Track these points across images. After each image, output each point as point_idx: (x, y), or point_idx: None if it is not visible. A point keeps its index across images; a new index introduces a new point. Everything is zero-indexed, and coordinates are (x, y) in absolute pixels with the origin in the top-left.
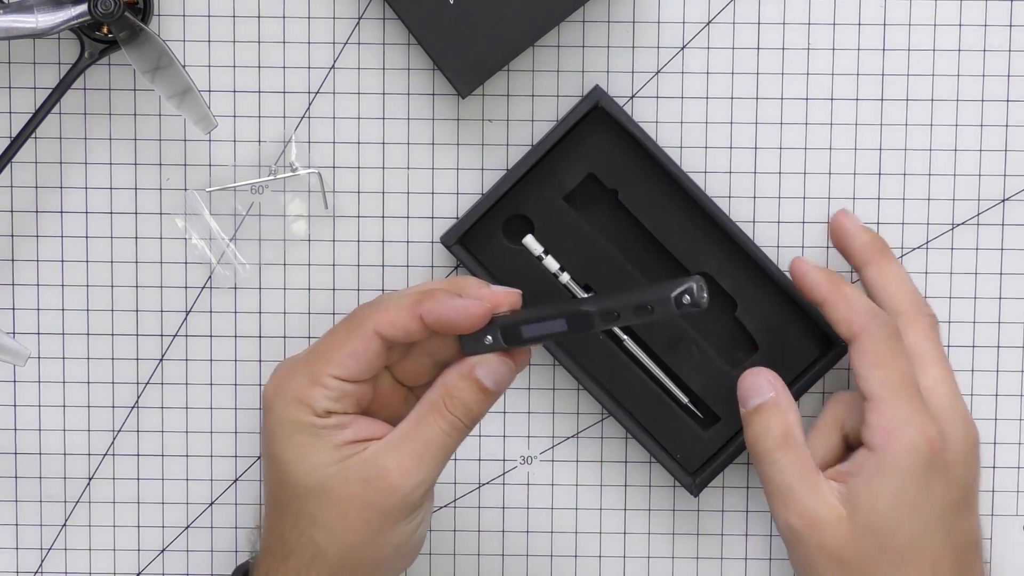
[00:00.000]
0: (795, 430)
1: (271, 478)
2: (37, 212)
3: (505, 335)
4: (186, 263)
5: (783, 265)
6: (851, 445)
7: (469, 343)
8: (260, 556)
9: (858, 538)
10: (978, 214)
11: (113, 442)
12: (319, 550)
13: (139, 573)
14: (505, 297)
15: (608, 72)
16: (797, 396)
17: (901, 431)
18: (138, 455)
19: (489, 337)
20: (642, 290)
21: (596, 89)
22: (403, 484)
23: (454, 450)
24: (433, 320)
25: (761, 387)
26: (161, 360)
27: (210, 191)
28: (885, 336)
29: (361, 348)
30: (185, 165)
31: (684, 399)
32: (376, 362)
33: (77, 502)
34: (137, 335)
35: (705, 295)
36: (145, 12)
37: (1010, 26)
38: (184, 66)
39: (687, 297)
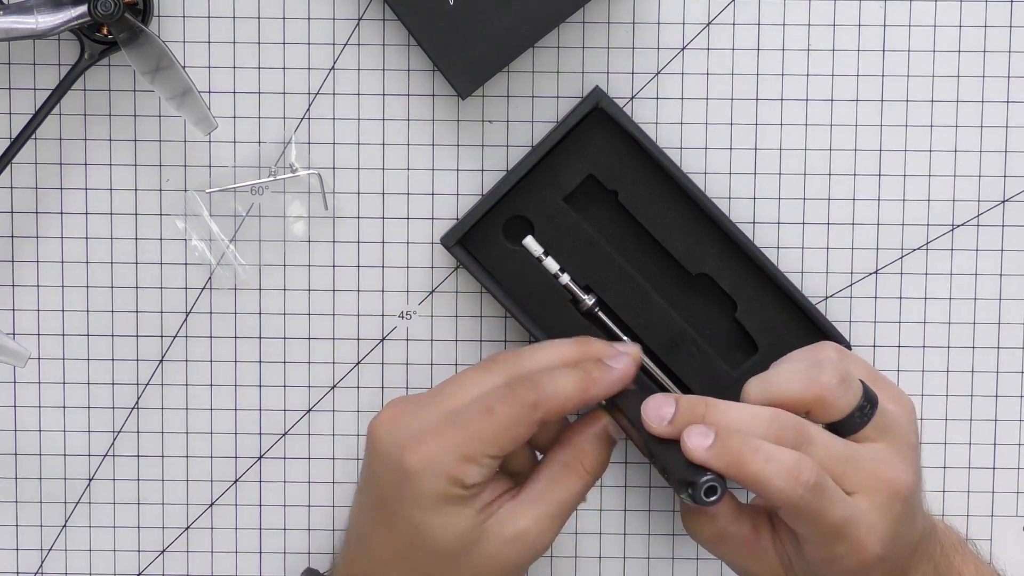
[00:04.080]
0: (726, 529)
1: (402, 540)
2: (37, 213)
3: (607, 403)
4: (186, 264)
5: (783, 266)
6: None
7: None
8: None
9: None
10: (978, 215)
11: (113, 443)
12: None
13: (139, 574)
14: (636, 355)
15: (608, 73)
16: None
17: (833, 564)
18: (138, 456)
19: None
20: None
21: (596, 90)
22: (540, 543)
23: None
24: (595, 400)
25: None
26: (161, 361)
27: (210, 192)
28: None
29: (526, 432)
30: (185, 166)
31: None
32: (529, 437)
33: (77, 503)
34: (137, 336)
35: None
36: (145, 13)
37: (1010, 27)
38: (184, 67)
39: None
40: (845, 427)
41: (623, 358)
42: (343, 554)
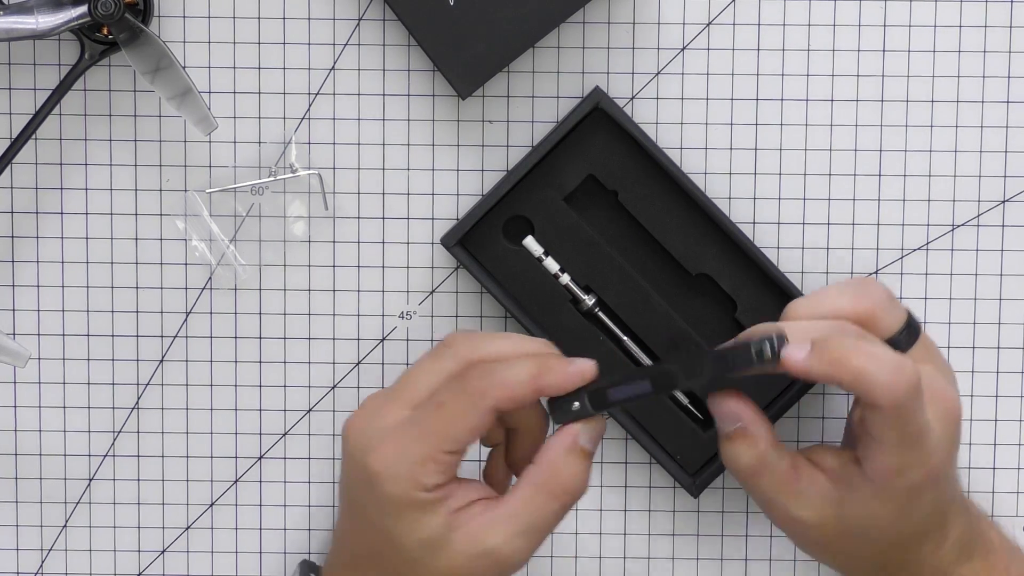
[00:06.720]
0: (767, 455)
1: (372, 543)
2: (37, 213)
3: (592, 400)
4: (186, 264)
5: (783, 266)
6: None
7: (559, 412)
8: None
9: (843, 536)
10: (978, 215)
11: (113, 443)
12: None
13: (139, 574)
14: (593, 362)
15: (608, 73)
16: (798, 397)
17: (903, 476)
18: (138, 456)
19: (576, 404)
20: (724, 347)
21: (596, 90)
22: (511, 562)
23: (561, 521)
24: (550, 392)
25: (727, 415)
26: (161, 361)
27: (210, 192)
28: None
29: (478, 423)
30: (185, 166)
31: (684, 400)
32: (487, 429)
33: (77, 503)
34: (137, 336)
35: (781, 348)
36: (145, 13)
37: (1010, 27)
38: (184, 67)
39: (768, 350)
40: (891, 346)
41: (581, 360)
42: (329, 550)
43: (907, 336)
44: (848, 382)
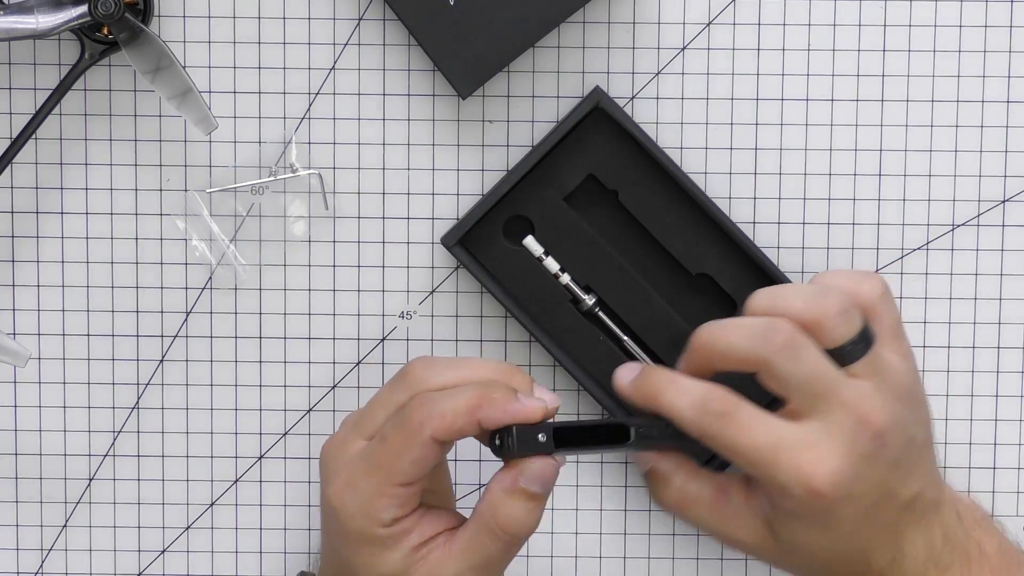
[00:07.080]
0: (686, 487)
1: (342, 565)
2: (37, 213)
3: (557, 438)
4: (186, 264)
5: (783, 266)
6: None
7: (523, 442)
8: None
9: (786, 554)
10: (978, 215)
11: (113, 443)
12: None
13: (139, 574)
14: (552, 405)
15: (608, 73)
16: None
17: (785, 497)
18: (138, 456)
19: (542, 435)
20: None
21: (596, 90)
22: None
23: (515, 555)
24: (491, 425)
25: (638, 457)
26: (161, 361)
27: (210, 192)
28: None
29: (420, 455)
30: (185, 166)
31: None
32: (435, 460)
33: (77, 503)
34: (137, 336)
35: None
36: (145, 13)
37: (1010, 27)
38: (184, 67)
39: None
40: (835, 357)
41: (535, 401)
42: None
43: (856, 348)
44: (664, 414)
